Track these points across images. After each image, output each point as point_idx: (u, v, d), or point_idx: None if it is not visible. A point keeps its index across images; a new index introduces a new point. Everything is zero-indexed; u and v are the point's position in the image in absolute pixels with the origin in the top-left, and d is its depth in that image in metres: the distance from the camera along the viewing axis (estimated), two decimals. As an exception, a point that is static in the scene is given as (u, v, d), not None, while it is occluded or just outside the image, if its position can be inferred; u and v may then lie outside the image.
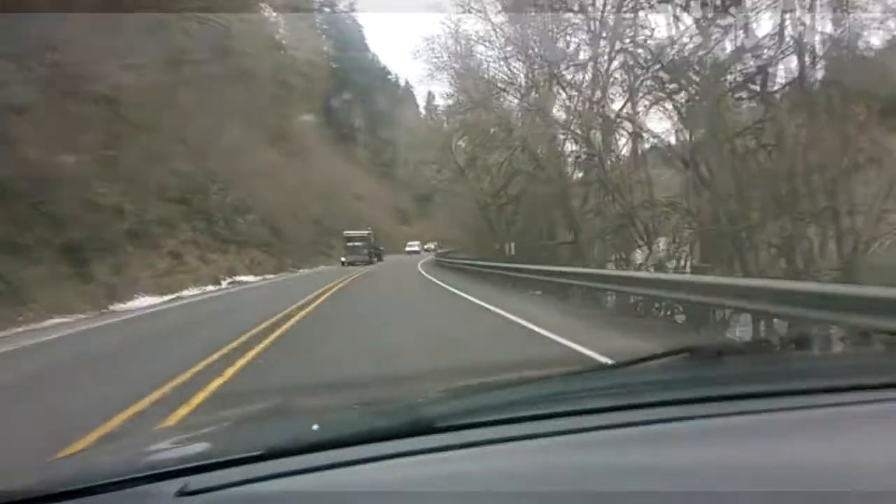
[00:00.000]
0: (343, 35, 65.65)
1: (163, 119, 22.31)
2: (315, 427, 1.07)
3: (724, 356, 1.25)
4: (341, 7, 67.07)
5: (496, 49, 19.79)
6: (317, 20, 61.49)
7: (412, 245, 60.35)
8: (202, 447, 1.13)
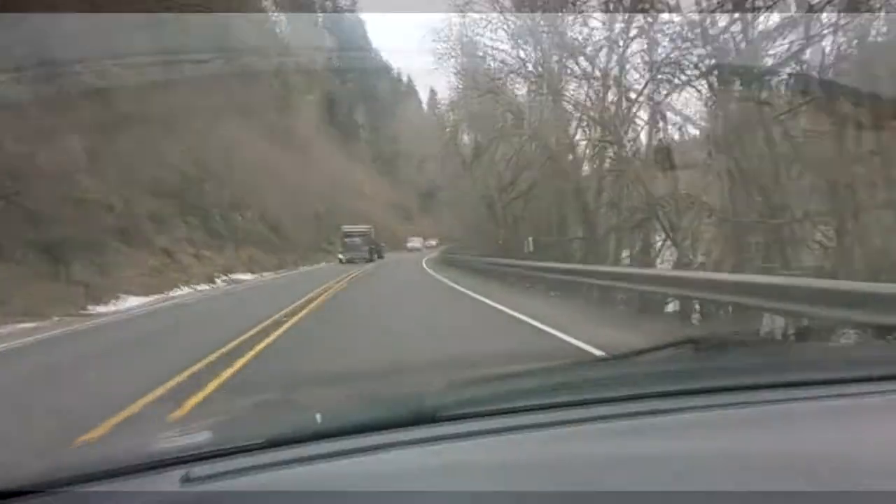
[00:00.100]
0: (345, 32, 64.69)
1: (155, 111, 21.33)
2: (318, 417, 1.07)
3: (727, 347, 1.32)
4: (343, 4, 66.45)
5: (505, 33, 18.65)
6: (318, 18, 60.92)
7: (413, 241, 57.82)
8: (206, 436, 1.12)
